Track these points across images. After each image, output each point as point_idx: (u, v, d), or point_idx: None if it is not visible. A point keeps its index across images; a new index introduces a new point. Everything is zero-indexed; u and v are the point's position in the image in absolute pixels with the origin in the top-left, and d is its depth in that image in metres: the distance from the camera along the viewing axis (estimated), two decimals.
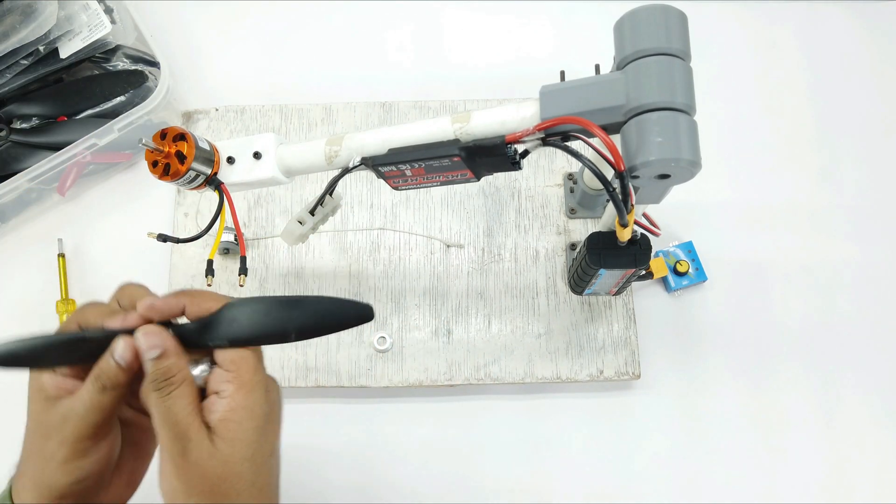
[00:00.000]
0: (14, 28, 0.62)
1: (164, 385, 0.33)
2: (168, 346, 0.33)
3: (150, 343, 0.33)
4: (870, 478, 0.61)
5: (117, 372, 0.33)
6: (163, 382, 0.33)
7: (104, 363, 0.34)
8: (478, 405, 0.62)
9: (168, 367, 0.33)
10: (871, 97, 0.72)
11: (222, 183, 0.48)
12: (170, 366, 0.33)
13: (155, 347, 0.33)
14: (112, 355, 0.33)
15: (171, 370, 0.33)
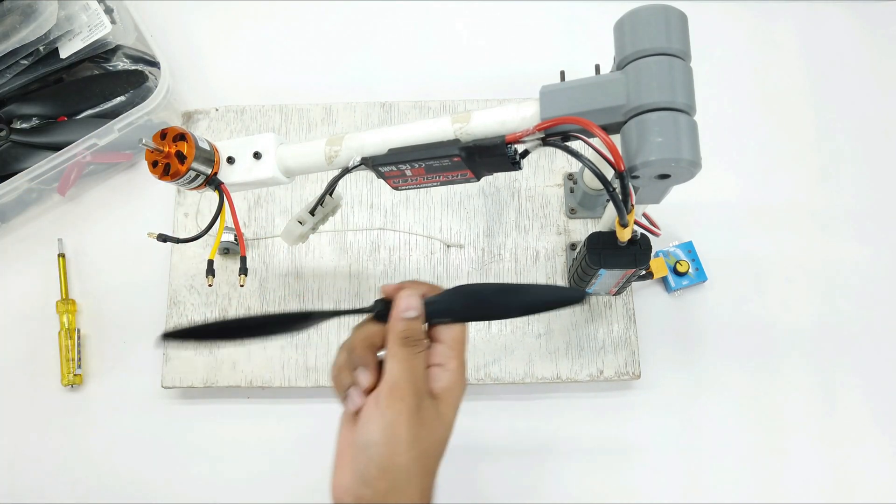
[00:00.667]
0: (14, 28, 0.62)
1: (415, 343, 0.37)
2: (422, 311, 0.38)
3: (409, 304, 0.38)
4: (870, 478, 0.61)
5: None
6: (417, 339, 0.37)
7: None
8: (478, 405, 0.62)
9: (420, 329, 0.38)
10: (871, 97, 0.72)
11: (222, 183, 0.48)
12: (420, 327, 0.38)
13: (412, 308, 0.38)
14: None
15: (421, 332, 0.38)
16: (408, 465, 0.34)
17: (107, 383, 0.64)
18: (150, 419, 0.63)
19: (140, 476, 0.61)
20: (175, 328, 0.39)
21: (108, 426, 0.62)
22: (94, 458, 0.61)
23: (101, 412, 0.63)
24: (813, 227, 0.68)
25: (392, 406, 0.35)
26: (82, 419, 0.63)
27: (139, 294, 0.64)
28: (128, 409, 0.63)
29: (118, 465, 0.61)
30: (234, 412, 0.63)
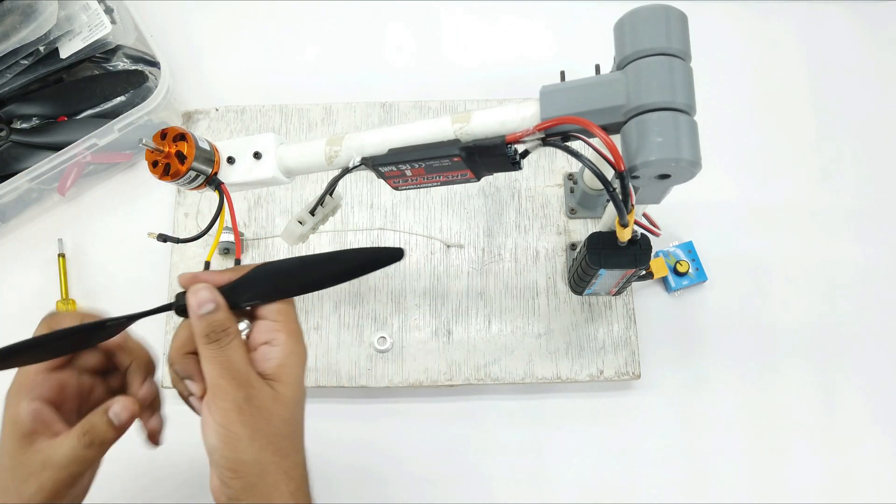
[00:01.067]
0: (14, 28, 0.62)
1: (221, 336, 0.34)
2: (219, 301, 0.35)
3: (202, 298, 0.35)
4: (870, 478, 0.61)
5: (108, 430, 0.34)
6: (220, 334, 0.34)
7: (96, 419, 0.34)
8: (478, 405, 0.62)
9: (222, 320, 0.35)
10: (871, 97, 0.72)
11: (222, 183, 0.48)
12: (223, 319, 0.35)
13: (207, 302, 0.35)
14: (107, 412, 0.34)
15: (225, 322, 0.35)
16: (256, 458, 0.33)
17: None
18: None
19: (140, 476, 0.61)
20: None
21: None
22: None
23: None
24: (813, 227, 0.68)
25: (218, 408, 0.34)
26: None
27: (139, 294, 0.64)
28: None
29: (118, 466, 0.61)
30: None
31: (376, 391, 0.62)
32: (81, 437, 0.34)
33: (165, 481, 0.61)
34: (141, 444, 0.42)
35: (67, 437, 0.34)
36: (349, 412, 0.62)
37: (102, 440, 0.34)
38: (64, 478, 0.34)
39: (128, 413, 0.34)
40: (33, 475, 0.33)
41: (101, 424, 0.34)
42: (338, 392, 0.63)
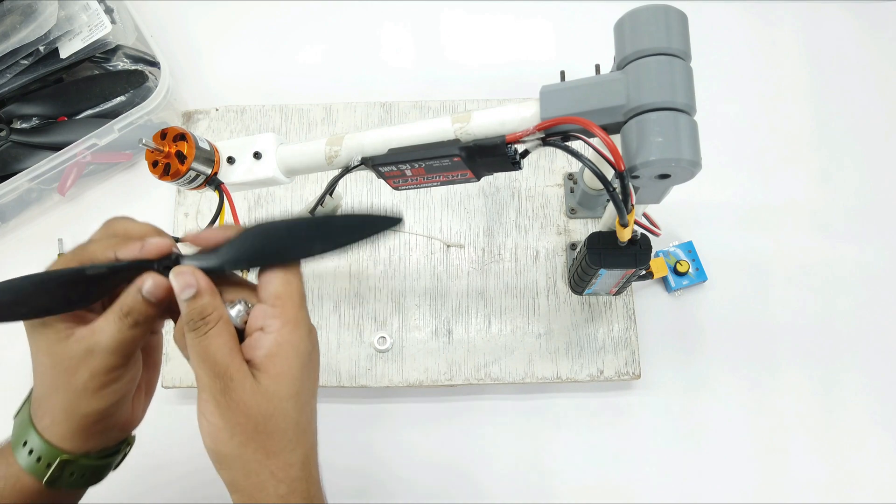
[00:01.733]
0: (14, 28, 0.62)
1: (200, 324, 0.33)
2: (202, 285, 0.33)
3: (184, 282, 0.33)
4: (870, 478, 0.61)
5: (146, 307, 0.33)
6: (199, 322, 0.33)
7: (131, 299, 0.33)
8: (478, 405, 0.62)
9: (203, 307, 0.33)
10: (871, 97, 0.72)
11: (222, 183, 0.48)
12: (204, 305, 0.33)
13: (189, 287, 0.33)
14: (140, 291, 0.33)
15: (206, 309, 0.33)
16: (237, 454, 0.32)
17: None
18: (150, 419, 0.62)
19: (140, 476, 0.61)
20: None
21: None
22: None
23: None
24: (813, 227, 0.68)
25: (199, 397, 0.33)
26: None
27: None
28: None
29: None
30: None
31: (376, 391, 0.62)
32: (124, 317, 0.33)
33: (166, 481, 0.61)
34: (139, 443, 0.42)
35: (106, 320, 0.33)
36: (349, 412, 0.62)
37: (145, 318, 0.33)
38: (114, 360, 0.33)
39: (161, 289, 0.33)
40: (82, 363, 0.33)
41: (139, 303, 0.33)
42: (338, 392, 0.63)
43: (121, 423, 0.37)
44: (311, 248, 0.35)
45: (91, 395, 0.34)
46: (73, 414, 0.34)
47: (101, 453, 0.37)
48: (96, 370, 0.33)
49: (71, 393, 0.33)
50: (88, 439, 0.35)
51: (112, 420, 0.36)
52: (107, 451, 0.37)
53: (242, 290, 0.35)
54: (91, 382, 0.33)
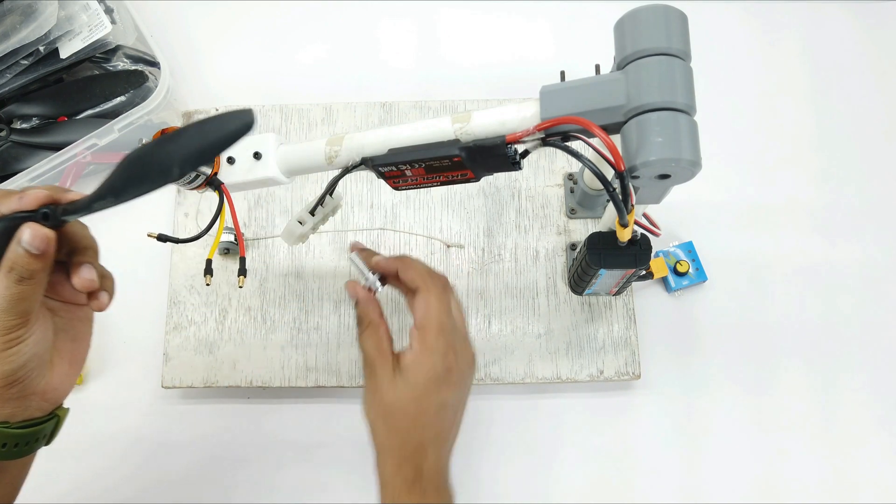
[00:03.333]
0: (14, 28, 0.62)
1: (359, 325, 0.44)
2: (360, 296, 0.44)
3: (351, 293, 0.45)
4: (870, 478, 0.61)
5: (30, 261, 0.33)
6: (359, 324, 0.44)
7: (12, 252, 0.33)
8: (478, 405, 0.62)
9: (360, 313, 0.44)
10: (871, 97, 0.72)
11: (222, 183, 0.48)
12: (360, 312, 0.44)
13: (352, 297, 0.44)
14: (20, 244, 0.33)
15: (362, 315, 0.44)
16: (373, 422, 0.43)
17: (107, 383, 0.64)
18: (150, 419, 0.63)
19: (140, 476, 0.61)
20: None
21: (108, 426, 0.62)
22: (93, 459, 0.61)
23: (102, 412, 0.63)
24: (813, 227, 0.68)
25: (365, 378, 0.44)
26: (82, 419, 0.62)
27: (139, 294, 0.64)
28: (128, 409, 0.63)
29: (118, 466, 0.61)
30: (234, 412, 0.63)
31: None
32: (8, 273, 0.33)
33: (167, 480, 0.61)
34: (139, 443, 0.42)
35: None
36: (349, 412, 0.62)
37: (29, 272, 0.34)
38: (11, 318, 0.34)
39: (39, 239, 0.33)
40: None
41: (20, 256, 0.33)
42: (338, 392, 0.63)
43: (39, 391, 0.37)
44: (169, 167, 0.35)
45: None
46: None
47: (25, 424, 0.37)
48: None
49: None
50: (5, 405, 0.36)
51: (26, 386, 0.36)
52: (32, 422, 0.38)
53: None
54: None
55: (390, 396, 0.42)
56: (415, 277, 0.43)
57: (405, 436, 0.42)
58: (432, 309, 0.42)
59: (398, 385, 0.42)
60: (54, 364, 0.39)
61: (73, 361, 0.40)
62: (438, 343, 0.42)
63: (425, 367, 0.42)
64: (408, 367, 0.42)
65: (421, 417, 0.42)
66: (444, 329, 0.42)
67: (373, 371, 0.42)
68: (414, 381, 0.41)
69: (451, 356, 0.42)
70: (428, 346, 0.42)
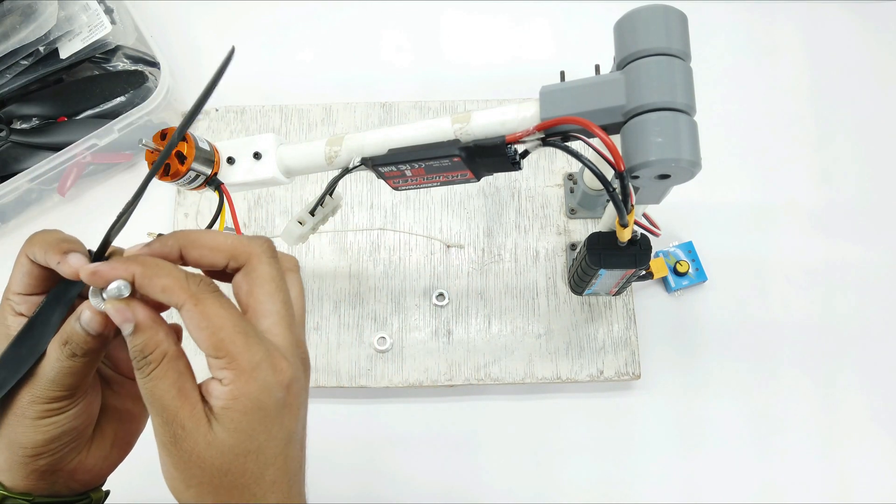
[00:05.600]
0: (14, 28, 0.62)
1: (143, 364, 0.29)
2: (140, 318, 0.29)
3: (121, 317, 0.29)
4: (870, 478, 0.61)
5: (86, 339, 0.30)
6: (141, 361, 0.29)
7: (70, 328, 0.31)
8: (478, 405, 0.62)
9: (144, 343, 0.29)
10: (871, 97, 0.72)
11: (222, 183, 0.48)
12: (145, 341, 0.29)
13: (127, 322, 0.29)
14: (79, 321, 0.30)
15: (148, 346, 0.29)
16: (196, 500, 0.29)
17: None
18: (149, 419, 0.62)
19: (140, 476, 0.61)
20: None
21: None
22: None
23: None
24: (813, 227, 0.68)
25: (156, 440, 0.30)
26: None
27: None
28: None
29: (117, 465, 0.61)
30: None
31: (376, 391, 0.62)
32: (63, 346, 0.30)
33: None
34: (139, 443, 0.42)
35: (51, 347, 0.31)
36: (349, 412, 0.62)
37: (84, 350, 0.31)
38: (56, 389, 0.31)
39: (97, 320, 0.30)
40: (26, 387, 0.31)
41: (77, 333, 0.30)
42: (338, 392, 0.63)
43: (69, 469, 0.33)
44: None
45: (30, 424, 0.31)
46: (12, 444, 0.32)
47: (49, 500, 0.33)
48: (37, 397, 0.31)
49: (11, 419, 0.32)
50: (29, 476, 0.32)
51: (57, 461, 0.33)
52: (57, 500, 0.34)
53: None
54: (30, 409, 0.31)
55: (214, 460, 0.28)
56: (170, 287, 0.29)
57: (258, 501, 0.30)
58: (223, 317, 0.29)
59: (221, 441, 0.28)
60: (94, 444, 0.34)
61: (117, 444, 0.36)
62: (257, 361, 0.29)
63: (254, 402, 0.28)
64: (226, 409, 0.28)
65: (267, 473, 0.30)
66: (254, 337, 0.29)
67: (178, 429, 0.28)
68: (243, 428, 0.28)
69: (284, 371, 0.29)
70: (245, 370, 0.28)
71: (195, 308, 0.29)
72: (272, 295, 0.31)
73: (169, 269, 0.30)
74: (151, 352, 0.29)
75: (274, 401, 0.29)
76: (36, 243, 0.33)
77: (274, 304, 0.31)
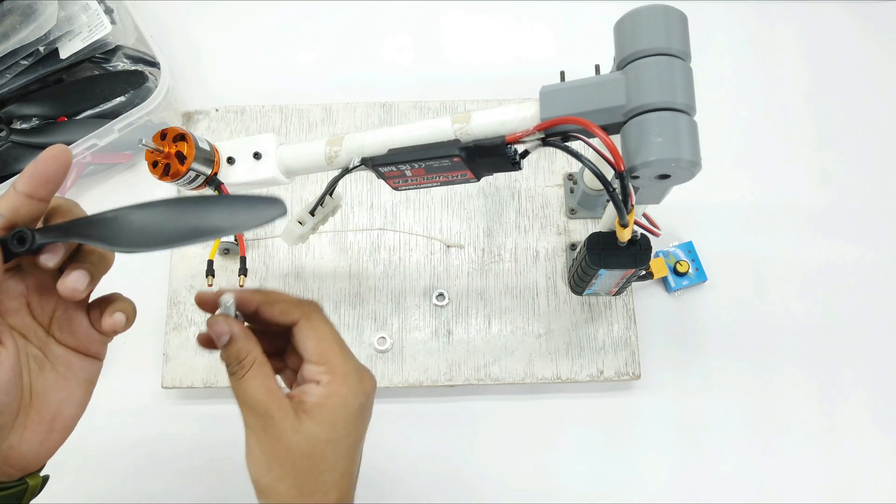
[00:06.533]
0: (14, 28, 0.62)
1: (237, 368, 0.34)
2: (235, 331, 0.34)
3: (219, 330, 0.34)
4: (870, 478, 0.61)
5: None
6: (235, 366, 0.34)
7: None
8: (478, 405, 0.62)
9: (238, 351, 0.34)
10: (871, 97, 0.72)
11: (222, 183, 0.48)
12: (239, 349, 0.34)
13: (223, 334, 0.34)
14: None
15: (241, 353, 0.34)
16: (273, 486, 0.34)
17: (107, 383, 0.63)
18: (150, 419, 0.63)
19: (140, 476, 0.61)
20: None
21: (109, 426, 0.62)
22: (94, 459, 0.61)
23: (101, 412, 0.63)
24: (813, 227, 0.68)
25: (245, 436, 0.35)
26: (82, 420, 0.62)
27: (139, 294, 0.64)
28: (128, 409, 0.63)
29: (118, 466, 0.61)
30: (234, 412, 0.63)
31: (376, 391, 0.62)
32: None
33: (165, 480, 0.61)
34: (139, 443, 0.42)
35: None
36: None
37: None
38: None
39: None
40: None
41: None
42: None
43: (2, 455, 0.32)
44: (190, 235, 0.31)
45: None
46: None
47: None
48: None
49: None
50: None
51: None
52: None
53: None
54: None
55: (300, 445, 0.34)
56: (287, 308, 0.36)
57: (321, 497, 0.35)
58: (327, 334, 0.36)
59: (308, 429, 0.34)
60: (27, 425, 0.33)
61: (54, 427, 0.34)
62: (349, 370, 0.35)
63: (343, 400, 0.35)
64: (319, 404, 0.34)
65: (339, 464, 0.35)
66: (348, 353, 0.36)
67: (268, 420, 0.33)
68: (330, 420, 0.34)
69: (367, 382, 0.36)
70: (339, 375, 0.35)
71: (308, 323, 0.36)
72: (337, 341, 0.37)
73: (284, 296, 0.36)
74: (244, 357, 0.34)
75: (358, 403, 0.35)
76: None
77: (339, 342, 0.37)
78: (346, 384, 0.35)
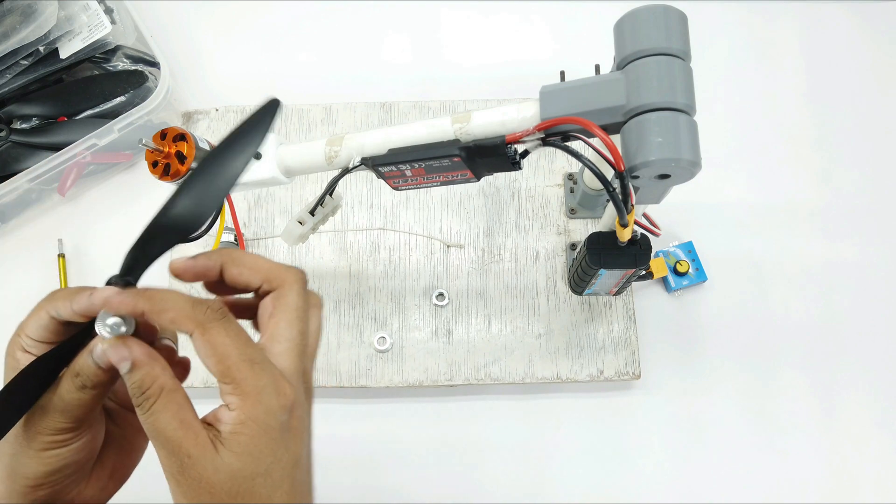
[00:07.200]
0: (14, 28, 0.62)
1: (142, 400, 0.30)
2: (136, 355, 0.30)
3: (118, 356, 0.29)
4: (870, 478, 0.61)
5: (97, 372, 0.31)
6: (140, 397, 0.29)
7: (82, 361, 0.31)
8: (478, 405, 0.62)
9: (141, 379, 0.29)
10: (871, 97, 0.72)
11: None
12: (142, 377, 0.29)
13: (123, 360, 0.29)
14: (91, 355, 0.30)
15: (146, 381, 0.29)
16: None
17: None
18: None
19: (139, 476, 0.61)
20: None
21: None
22: None
23: None
24: (813, 227, 0.68)
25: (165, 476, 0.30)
26: None
27: None
28: None
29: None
30: None
31: (376, 391, 0.62)
32: (73, 380, 0.31)
33: None
34: None
35: (62, 382, 0.31)
36: (349, 412, 0.62)
37: (94, 382, 0.31)
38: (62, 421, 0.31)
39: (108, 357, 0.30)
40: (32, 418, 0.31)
41: (88, 366, 0.30)
42: (338, 392, 0.63)
43: (68, 500, 0.33)
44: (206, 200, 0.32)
45: (34, 454, 0.31)
46: (14, 473, 0.31)
47: None
48: (43, 429, 0.31)
49: (16, 447, 0.31)
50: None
51: (57, 492, 0.33)
52: None
53: None
54: (35, 440, 0.31)
55: (223, 485, 0.29)
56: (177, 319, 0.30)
57: None
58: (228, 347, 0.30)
59: (229, 465, 0.29)
60: (93, 475, 0.34)
61: (114, 476, 0.36)
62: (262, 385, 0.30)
63: (261, 425, 0.29)
64: (234, 433, 0.29)
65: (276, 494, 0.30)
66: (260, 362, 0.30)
67: (184, 459, 0.29)
68: (251, 451, 0.29)
69: (287, 393, 0.30)
70: (251, 395, 0.29)
71: (202, 337, 0.30)
72: (292, 323, 0.32)
73: (174, 301, 0.31)
74: (149, 386, 0.30)
75: (278, 423, 0.30)
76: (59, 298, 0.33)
77: (291, 332, 0.32)
78: (260, 404, 0.29)
